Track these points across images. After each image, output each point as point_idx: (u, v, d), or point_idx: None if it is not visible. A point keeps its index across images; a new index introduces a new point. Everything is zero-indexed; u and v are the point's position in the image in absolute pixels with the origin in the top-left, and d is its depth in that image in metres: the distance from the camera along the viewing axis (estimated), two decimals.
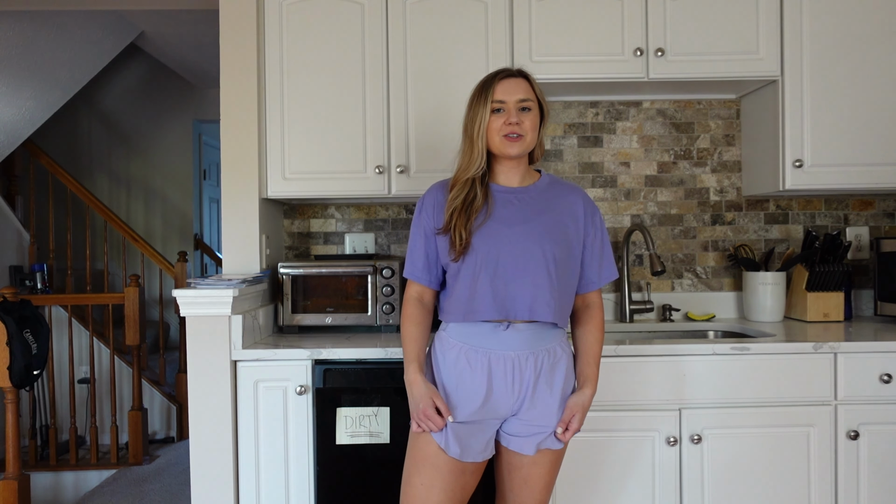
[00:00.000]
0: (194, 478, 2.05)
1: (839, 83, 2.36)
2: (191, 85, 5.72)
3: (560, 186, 1.76)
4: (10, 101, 4.24)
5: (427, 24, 2.34)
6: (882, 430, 2.08)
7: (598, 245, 1.74)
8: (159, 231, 5.77)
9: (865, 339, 2.12)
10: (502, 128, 1.65)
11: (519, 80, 1.68)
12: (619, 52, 2.35)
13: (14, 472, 3.08)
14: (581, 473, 2.07)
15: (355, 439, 2.04)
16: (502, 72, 1.69)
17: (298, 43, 2.35)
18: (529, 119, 1.66)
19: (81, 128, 5.71)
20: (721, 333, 2.55)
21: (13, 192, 4.94)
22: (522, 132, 1.65)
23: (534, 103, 1.68)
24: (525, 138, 1.66)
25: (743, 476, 2.08)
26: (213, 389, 2.05)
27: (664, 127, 2.72)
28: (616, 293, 2.69)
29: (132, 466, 3.99)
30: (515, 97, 1.65)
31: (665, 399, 2.06)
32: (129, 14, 4.26)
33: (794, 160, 2.35)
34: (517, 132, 1.65)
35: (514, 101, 1.65)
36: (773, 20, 2.35)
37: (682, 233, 2.72)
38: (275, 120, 2.35)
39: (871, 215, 2.74)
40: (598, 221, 1.75)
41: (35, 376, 3.05)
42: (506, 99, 1.65)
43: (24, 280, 4.57)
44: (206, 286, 2.05)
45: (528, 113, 1.66)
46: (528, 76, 1.70)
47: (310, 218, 2.74)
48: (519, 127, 1.65)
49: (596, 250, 1.74)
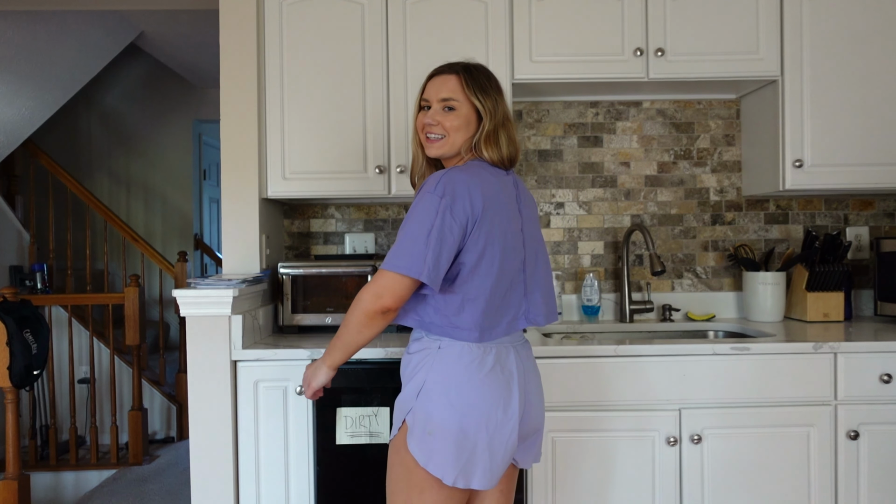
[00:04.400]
0: (194, 478, 2.05)
1: (839, 83, 2.36)
2: (191, 85, 5.72)
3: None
4: (10, 101, 4.24)
5: (427, 23, 2.34)
6: (882, 430, 2.08)
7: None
8: (159, 231, 5.77)
9: (865, 339, 2.12)
10: (423, 127, 1.63)
11: (447, 78, 1.60)
12: (619, 51, 2.35)
13: (14, 472, 3.08)
14: (581, 473, 2.07)
15: (355, 439, 2.04)
16: (437, 69, 1.65)
17: (298, 43, 2.35)
18: (451, 119, 1.58)
19: (81, 128, 5.71)
20: (721, 333, 2.55)
21: (13, 192, 4.94)
22: (443, 132, 1.59)
23: (460, 102, 1.58)
24: (448, 139, 1.59)
25: (743, 476, 2.08)
26: (213, 389, 2.05)
27: (664, 127, 2.72)
28: (616, 293, 2.69)
29: (132, 466, 3.99)
30: (438, 95, 1.60)
31: (665, 399, 2.06)
32: (129, 14, 4.26)
33: (794, 160, 2.36)
34: (435, 132, 1.60)
35: (436, 99, 1.60)
36: (773, 20, 2.35)
37: (682, 233, 2.72)
38: (275, 120, 2.35)
39: (871, 215, 2.74)
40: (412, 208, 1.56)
41: (35, 376, 3.05)
42: (429, 97, 1.62)
43: (24, 280, 4.57)
44: (206, 286, 2.05)
45: (450, 113, 1.59)
46: (462, 73, 1.60)
47: (310, 218, 2.74)
48: (437, 127, 1.59)
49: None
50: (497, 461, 1.52)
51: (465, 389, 1.49)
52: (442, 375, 1.51)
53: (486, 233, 1.51)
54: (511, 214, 1.60)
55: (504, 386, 1.53)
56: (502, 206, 1.57)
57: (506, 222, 1.57)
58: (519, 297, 1.61)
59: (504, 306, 1.58)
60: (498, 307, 1.56)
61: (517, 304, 1.61)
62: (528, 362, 1.64)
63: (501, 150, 1.60)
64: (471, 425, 1.49)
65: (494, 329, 1.56)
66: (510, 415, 1.53)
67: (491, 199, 1.53)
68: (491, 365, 1.53)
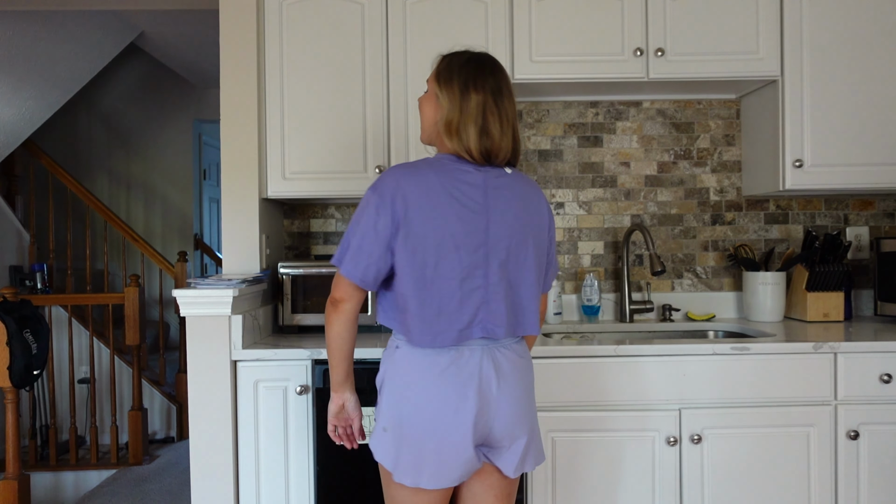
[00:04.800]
0: (194, 478, 2.05)
1: (839, 83, 2.36)
2: (191, 85, 5.73)
3: None
4: (10, 101, 4.25)
5: (427, 24, 2.34)
6: (882, 430, 2.08)
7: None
8: (159, 231, 5.77)
9: (865, 339, 2.12)
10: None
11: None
12: (619, 51, 2.35)
13: (14, 472, 3.08)
14: (581, 473, 2.07)
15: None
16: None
17: (298, 43, 2.35)
18: (421, 104, 1.63)
19: (81, 128, 5.71)
20: (721, 333, 2.55)
21: (13, 192, 4.95)
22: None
23: (429, 90, 1.60)
24: (422, 125, 1.63)
25: (743, 476, 2.08)
26: (213, 389, 2.05)
27: (664, 127, 2.72)
28: (616, 293, 2.69)
29: (132, 466, 3.99)
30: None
31: (665, 399, 2.07)
32: (129, 14, 4.26)
33: (794, 160, 2.36)
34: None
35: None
36: (773, 20, 2.36)
37: (682, 233, 2.72)
38: (275, 120, 2.35)
39: (871, 215, 2.74)
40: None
41: (35, 376, 3.05)
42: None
43: (24, 280, 4.57)
44: (206, 286, 2.05)
45: (421, 98, 1.63)
46: (441, 59, 1.61)
47: (310, 218, 2.74)
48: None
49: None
50: (448, 462, 1.48)
51: (416, 390, 1.49)
52: (396, 375, 1.52)
53: (414, 234, 1.46)
54: (462, 215, 1.49)
55: (457, 389, 1.47)
56: (445, 206, 1.47)
57: (452, 223, 1.48)
58: (474, 306, 1.50)
59: (452, 313, 1.48)
60: (442, 313, 1.48)
61: (471, 313, 1.49)
62: (507, 366, 1.53)
63: (465, 142, 1.50)
64: (418, 425, 1.48)
65: (443, 335, 1.48)
66: (461, 419, 1.47)
67: (426, 198, 1.47)
68: (444, 367, 1.48)
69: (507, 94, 1.55)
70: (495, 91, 1.53)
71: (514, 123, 1.55)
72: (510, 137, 1.54)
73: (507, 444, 1.54)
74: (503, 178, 1.55)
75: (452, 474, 1.50)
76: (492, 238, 1.51)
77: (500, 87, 1.54)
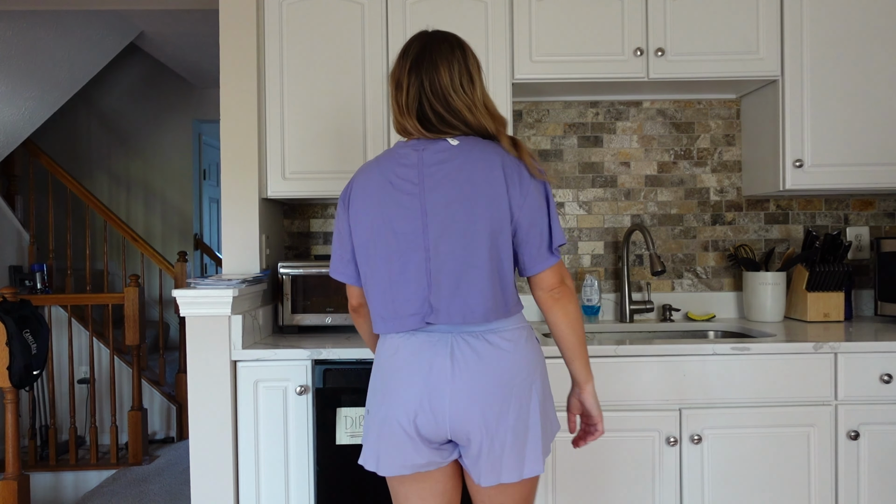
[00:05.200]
0: (194, 478, 2.05)
1: (839, 83, 2.36)
2: (191, 85, 5.73)
3: None
4: (10, 101, 4.25)
5: (427, 23, 2.34)
6: (882, 430, 2.08)
7: None
8: (159, 231, 5.77)
9: (866, 339, 2.12)
10: None
11: None
12: (619, 51, 2.35)
13: (14, 472, 3.08)
14: (581, 473, 2.06)
15: (355, 439, 2.04)
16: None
17: (298, 43, 2.35)
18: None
19: (81, 128, 5.71)
20: (721, 333, 2.55)
21: (13, 192, 4.95)
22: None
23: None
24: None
25: (743, 476, 2.08)
26: (213, 389, 2.05)
27: (664, 127, 2.72)
28: (616, 293, 2.69)
29: (132, 466, 3.99)
30: None
31: (665, 399, 2.06)
32: (129, 14, 4.26)
33: (794, 160, 2.35)
34: None
35: None
36: (773, 20, 2.35)
37: (682, 233, 2.72)
38: (275, 120, 2.35)
39: (872, 215, 2.74)
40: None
41: (35, 376, 3.05)
42: None
43: (23, 280, 4.57)
44: (206, 286, 2.05)
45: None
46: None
47: (310, 218, 2.74)
48: None
49: None
50: (399, 448, 1.45)
51: (376, 376, 1.53)
52: (375, 362, 1.57)
53: (358, 225, 1.50)
54: (400, 200, 1.44)
55: (406, 376, 1.44)
56: (382, 193, 1.45)
57: (390, 209, 1.44)
58: (420, 291, 1.43)
59: (398, 300, 1.45)
60: (389, 301, 1.46)
61: (417, 299, 1.43)
62: (470, 356, 1.42)
63: (398, 119, 1.50)
64: (373, 410, 1.52)
65: (394, 321, 1.46)
66: (405, 406, 1.43)
67: (366, 189, 1.48)
68: (393, 352, 1.48)
69: (441, 61, 1.45)
70: (416, 61, 1.46)
71: (456, 87, 1.44)
72: (443, 103, 1.44)
73: (465, 442, 1.45)
74: (444, 153, 1.44)
75: (405, 461, 1.45)
76: (431, 219, 1.42)
77: (422, 56, 1.46)
